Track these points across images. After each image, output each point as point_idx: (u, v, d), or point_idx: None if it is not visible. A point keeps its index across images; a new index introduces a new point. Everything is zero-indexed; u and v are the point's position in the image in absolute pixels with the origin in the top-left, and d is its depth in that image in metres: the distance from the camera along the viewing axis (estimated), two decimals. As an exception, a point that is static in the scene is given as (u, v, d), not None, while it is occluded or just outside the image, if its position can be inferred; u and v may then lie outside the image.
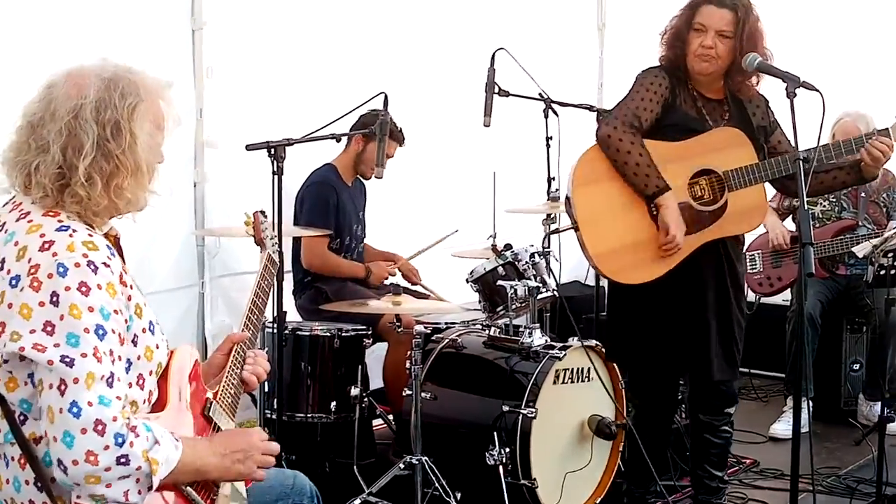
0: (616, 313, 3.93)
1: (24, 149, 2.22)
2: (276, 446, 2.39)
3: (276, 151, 3.96)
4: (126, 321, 2.19)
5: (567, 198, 3.71)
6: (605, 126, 3.65)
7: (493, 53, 4.68)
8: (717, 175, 3.68)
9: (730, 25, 3.60)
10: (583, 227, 3.61)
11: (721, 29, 3.60)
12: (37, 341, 2.05)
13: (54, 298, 2.07)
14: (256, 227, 3.11)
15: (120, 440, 2.04)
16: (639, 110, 3.64)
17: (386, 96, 4.17)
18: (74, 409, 2.02)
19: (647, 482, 4.02)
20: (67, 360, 2.04)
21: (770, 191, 5.64)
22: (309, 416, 4.43)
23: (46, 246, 2.12)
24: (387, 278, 5.15)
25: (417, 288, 5.27)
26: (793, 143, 3.24)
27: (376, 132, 4.21)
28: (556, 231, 3.87)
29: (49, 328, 2.06)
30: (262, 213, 3.63)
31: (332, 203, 4.94)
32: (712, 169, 3.68)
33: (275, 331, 4.06)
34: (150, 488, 2.09)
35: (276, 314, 4.04)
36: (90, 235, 2.18)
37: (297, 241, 4.97)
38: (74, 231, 2.16)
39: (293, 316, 4.87)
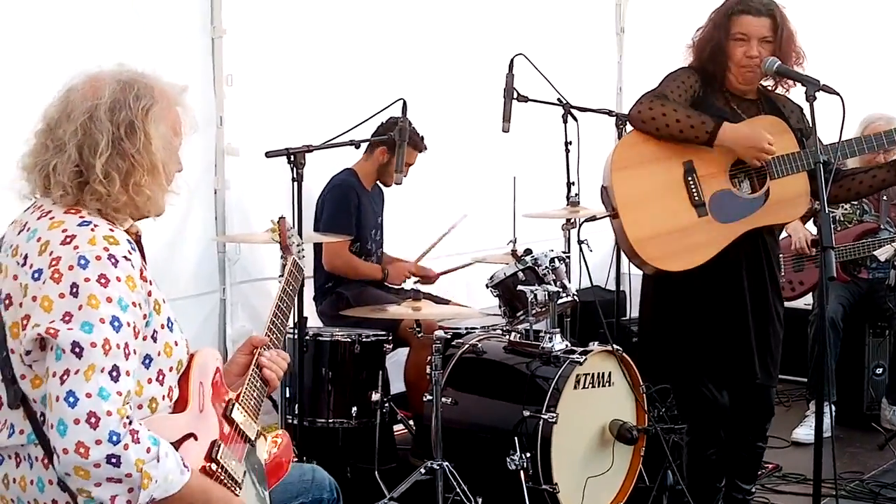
0: (654, 324, 3.82)
1: (41, 150, 2.26)
2: None
3: (296, 158, 3.98)
4: (145, 316, 2.21)
5: (604, 187, 3.62)
6: (634, 107, 3.58)
7: (512, 59, 4.69)
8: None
9: (770, 31, 3.56)
10: (622, 211, 3.52)
11: (763, 35, 3.55)
12: (52, 326, 2.07)
13: (74, 290, 2.10)
14: (282, 232, 3.13)
15: (115, 438, 2.04)
16: (665, 91, 3.58)
17: (405, 102, 4.18)
18: (71, 399, 2.03)
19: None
20: (77, 348, 2.05)
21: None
22: (330, 421, 4.44)
23: (68, 240, 2.15)
24: (404, 279, 5.16)
25: (438, 293, 5.28)
26: (817, 146, 3.23)
27: (395, 138, 4.23)
28: (594, 218, 3.77)
29: (67, 317, 2.08)
30: (283, 219, 3.66)
31: (353, 205, 4.97)
32: None
33: (296, 336, 4.08)
34: (138, 502, 2.07)
35: (296, 320, 4.06)
36: (111, 230, 2.21)
37: (317, 246, 4.99)
38: (96, 226, 2.19)
39: (314, 321, 4.89)
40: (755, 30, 3.56)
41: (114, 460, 2.04)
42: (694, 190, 3.55)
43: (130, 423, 2.09)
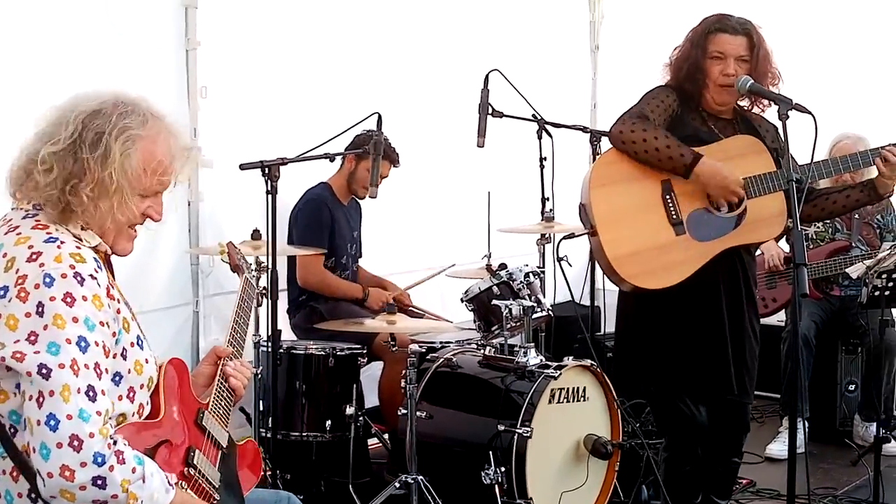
0: (630, 341, 3.83)
1: (28, 139, 2.26)
2: None
3: (270, 171, 3.98)
4: (115, 334, 2.19)
5: (582, 205, 3.63)
6: (615, 126, 3.59)
7: (487, 74, 4.69)
8: None
9: (746, 50, 3.58)
10: (601, 229, 3.53)
11: (740, 54, 3.58)
12: (17, 349, 2.05)
13: (40, 309, 2.07)
14: (231, 254, 3.16)
15: (100, 459, 2.02)
16: (645, 111, 3.59)
17: (380, 116, 4.18)
18: (52, 423, 2.01)
19: None
20: (45, 370, 2.03)
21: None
22: (304, 434, 4.41)
23: (34, 257, 2.13)
24: (383, 307, 5.14)
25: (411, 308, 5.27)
26: (789, 164, 3.24)
27: (370, 152, 4.23)
28: (572, 236, 3.77)
29: (32, 337, 2.06)
30: (257, 232, 3.66)
31: (325, 220, 4.95)
32: None
33: (269, 349, 4.05)
34: None
35: (270, 333, 4.04)
36: (78, 248, 2.18)
37: (291, 259, 4.97)
38: (63, 243, 2.17)
39: (288, 334, 4.87)
40: (732, 48, 3.58)
41: (99, 482, 2.03)
42: (672, 208, 3.57)
43: (115, 443, 2.07)
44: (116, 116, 2.22)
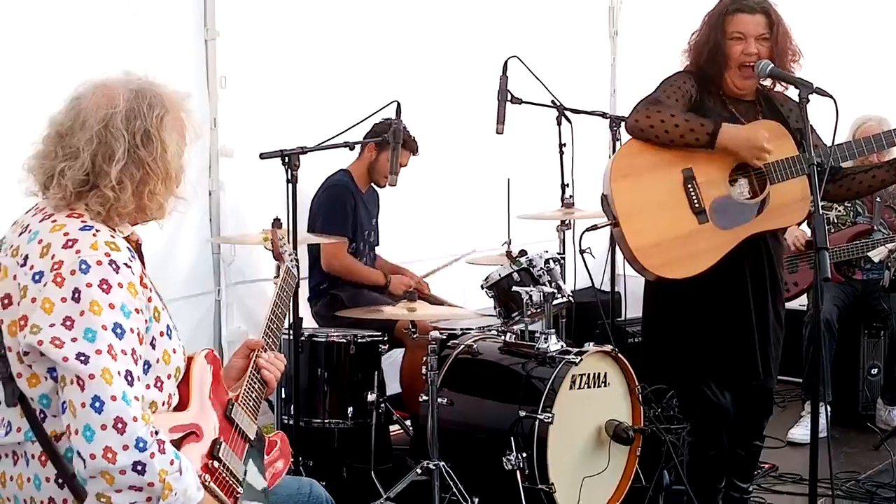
0: (658, 327, 3.81)
1: (49, 156, 2.26)
2: None
3: (290, 160, 3.98)
4: (146, 322, 2.21)
5: (604, 196, 3.61)
6: (631, 116, 3.58)
7: (506, 61, 4.69)
8: (757, 168, 3.58)
9: (765, 29, 3.56)
10: (623, 220, 3.52)
11: (760, 33, 3.55)
12: (55, 335, 2.07)
13: (76, 294, 2.10)
14: (274, 241, 3.16)
15: (141, 445, 2.05)
16: (661, 98, 3.57)
17: (399, 104, 4.18)
18: (97, 404, 2.04)
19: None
20: (82, 357, 2.06)
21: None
22: (326, 421, 4.43)
23: (70, 244, 2.16)
24: (404, 291, 5.16)
25: (433, 293, 5.28)
26: (816, 147, 3.22)
27: (389, 140, 4.23)
28: (594, 227, 3.77)
29: (68, 323, 2.08)
30: (278, 221, 3.67)
31: (349, 206, 4.98)
32: None
33: (291, 337, 4.07)
34: None
35: (292, 321, 4.06)
36: (112, 237, 2.22)
37: (313, 247, 4.99)
38: (98, 231, 2.20)
39: (309, 322, 4.89)
40: (751, 28, 3.56)
41: (139, 467, 2.05)
42: (694, 197, 3.55)
43: (157, 432, 2.10)
44: (146, 108, 2.26)
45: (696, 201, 3.54)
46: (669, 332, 3.76)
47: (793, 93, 3.59)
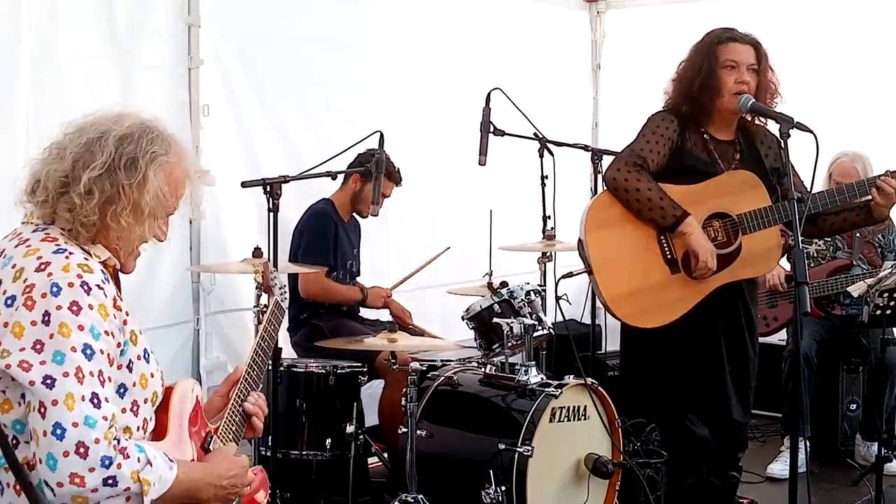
0: (634, 363, 3.85)
1: (45, 157, 2.28)
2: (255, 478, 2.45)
3: (272, 188, 3.97)
4: (120, 345, 2.20)
5: (580, 240, 3.67)
6: (611, 170, 3.63)
7: (489, 93, 4.71)
8: (730, 218, 3.64)
9: (755, 60, 3.61)
10: (597, 271, 3.58)
11: (750, 63, 3.60)
12: (24, 358, 2.07)
13: (46, 318, 2.09)
14: (265, 274, 3.15)
15: (107, 462, 2.05)
16: (644, 151, 3.61)
17: (382, 135, 4.19)
18: (58, 431, 2.03)
19: None
20: (49, 380, 2.05)
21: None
22: (304, 453, 4.41)
23: (42, 267, 2.15)
24: (384, 301, 5.15)
25: (415, 323, 5.27)
26: (794, 184, 3.26)
27: (371, 170, 4.24)
28: (570, 275, 3.82)
29: (38, 346, 2.08)
30: (259, 250, 3.65)
31: (331, 235, 4.97)
32: (726, 212, 3.65)
33: (270, 367, 4.04)
34: None
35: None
36: (86, 259, 2.21)
37: (293, 277, 4.97)
38: (71, 254, 2.19)
39: (289, 352, 4.86)
40: (743, 56, 3.61)
41: (110, 481, 2.05)
42: (667, 247, 3.61)
43: (118, 441, 2.09)
44: (146, 142, 2.27)
45: (668, 252, 3.60)
46: (645, 367, 3.79)
47: (772, 126, 3.64)
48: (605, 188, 3.68)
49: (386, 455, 4.77)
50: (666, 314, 3.58)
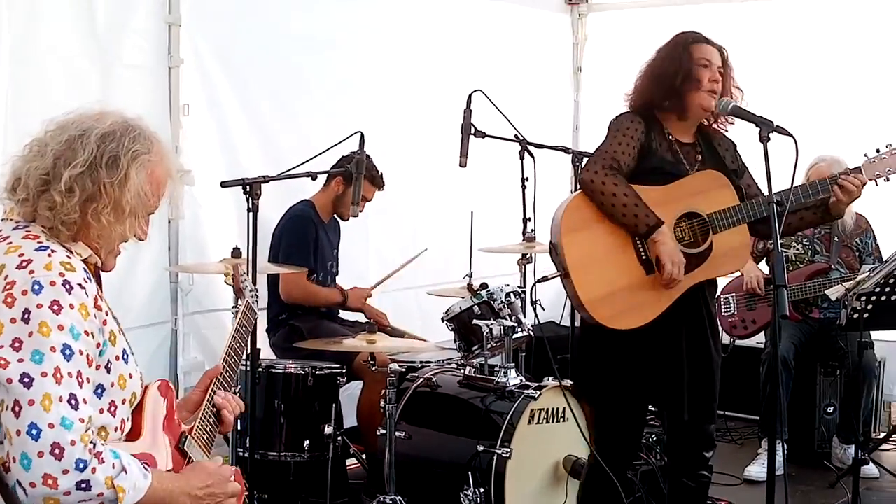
0: (588, 353, 3.88)
1: (26, 154, 2.26)
2: (239, 489, 2.41)
3: (252, 188, 3.96)
4: (99, 345, 2.18)
5: (553, 245, 3.67)
6: (587, 172, 3.65)
7: (470, 95, 4.70)
8: (700, 218, 3.68)
9: (721, 63, 3.70)
10: (573, 273, 3.58)
11: (719, 65, 3.69)
12: (1, 356, 2.05)
13: (26, 315, 2.08)
14: (235, 276, 3.15)
15: (81, 465, 2.03)
16: (617, 154, 3.65)
17: (362, 135, 4.18)
18: (34, 432, 2.01)
19: None
20: (27, 379, 2.03)
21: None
22: (282, 454, 4.39)
23: (24, 264, 2.13)
24: (364, 301, 5.15)
25: (393, 325, 5.26)
26: (765, 187, 3.28)
27: (352, 170, 4.23)
28: (545, 279, 3.82)
29: (17, 344, 2.06)
30: (238, 250, 3.64)
31: (311, 237, 4.95)
32: (696, 212, 3.68)
33: (248, 368, 4.03)
34: None
35: (249, 352, 4.02)
36: (68, 257, 2.19)
37: (272, 278, 4.95)
38: (53, 251, 2.18)
39: (267, 353, 4.85)
40: (714, 57, 3.70)
41: (84, 485, 2.04)
42: (641, 249, 3.63)
43: (94, 445, 2.07)
44: (128, 140, 2.25)
45: (643, 253, 3.62)
46: (599, 362, 3.80)
47: (734, 131, 3.69)
48: (581, 189, 3.69)
49: (364, 456, 4.76)
50: (644, 314, 3.60)
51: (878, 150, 3.67)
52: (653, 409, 4.02)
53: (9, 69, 4.08)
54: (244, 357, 3.82)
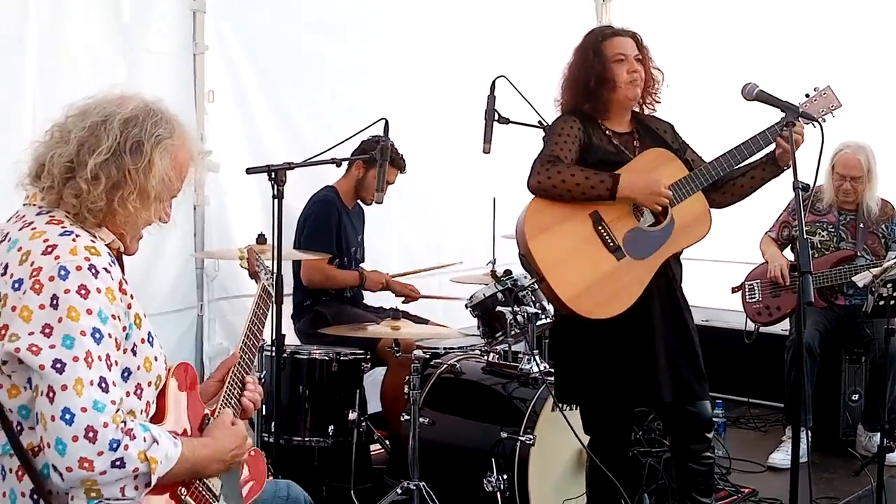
0: (563, 351, 3.83)
1: (48, 140, 2.27)
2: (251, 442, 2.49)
3: (277, 175, 3.96)
4: (125, 328, 2.20)
5: (522, 255, 3.70)
6: (531, 179, 3.68)
7: (493, 81, 4.69)
8: None
9: (636, 50, 3.75)
10: (548, 274, 3.58)
11: (635, 54, 3.73)
12: (33, 342, 2.07)
13: (54, 301, 2.09)
14: (251, 260, 3.15)
15: (115, 445, 2.06)
16: (555, 152, 3.68)
17: (387, 122, 4.18)
18: (67, 416, 2.04)
19: None
20: (59, 364, 2.05)
21: (767, 219, 5.72)
22: (306, 439, 4.42)
23: (49, 250, 2.15)
24: (381, 287, 5.16)
25: (417, 312, 5.28)
26: (792, 174, 3.26)
27: (376, 158, 4.23)
28: (522, 288, 3.83)
29: (47, 330, 2.08)
30: (263, 237, 3.65)
31: (334, 222, 4.98)
32: None
33: (273, 354, 4.06)
34: (147, 485, 2.11)
35: (274, 337, 4.04)
36: (93, 241, 2.21)
37: (296, 264, 4.98)
38: (77, 236, 2.19)
39: (292, 339, 4.87)
40: (629, 48, 3.74)
41: (118, 462, 2.07)
42: (607, 236, 3.64)
43: (125, 424, 2.10)
44: (151, 125, 2.26)
45: (609, 240, 3.63)
46: (577, 367, 3.76)
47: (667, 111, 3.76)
48: (534, 194, 3.69)
49: (388, 442, 4.78)
50: (622, 300, 3.58)
51: (807, 95, 3.67)
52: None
53: (36, 57, 4.11)
54: (263, 341, 3.87)
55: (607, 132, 3.77)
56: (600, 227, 3.63)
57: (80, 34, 4.30)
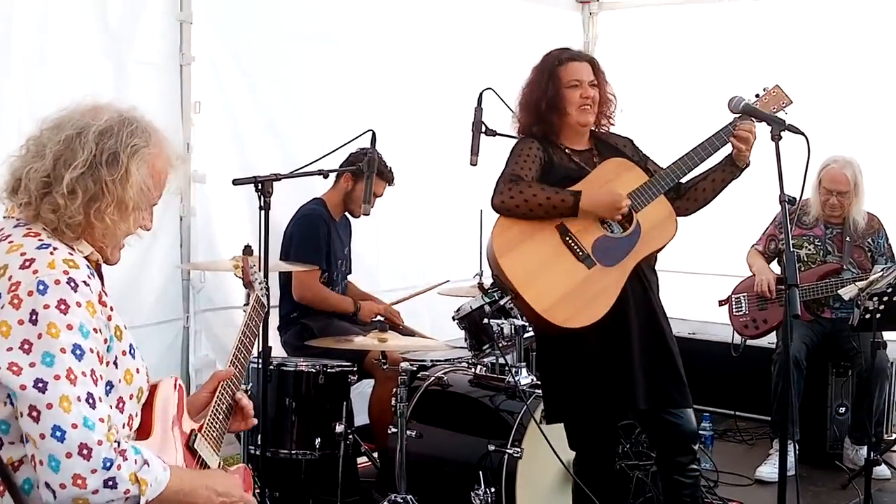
0: (545, 370, 3.84)
1: (24, 154, 2.24)
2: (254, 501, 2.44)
3: (264, 186, 3.96)
4: (106, 341, 2.18)
5: (495, 276, 3.71)
6: (494, 199, 3.70)
7: (481, 93, 4.68)
8: None
9: (592, 75, 3.79)
10: (522, 290, 3.60)
11: (590, 79, 3.77)
12: (12, 360, 2.04)
13: (33, 317, 2.06)
14: (245, 269, 3.14)
15: (108, 464, 2.04)
16: (516, 171, 3.71)
17: (374, 134, 4.18)
18: (58, 434, 2.01)
19: None
20: (40, 384, 2.02)
21: (753, 233, 5.73)
22: (293, 452, 4.40)
23: (27, 264, 2.12)
24: (375, 316, 5.15)
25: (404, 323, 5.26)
26: (779, 187, 3.27)
27: (364, 169, 4.23)
28: (502, 307, 3.84)
29: (26, 346, 2.05)
30: (249, 248, 3.63)
31: (323, 235, 4.96)
32: None
33: (260, 366, 4.04)
34: None
35: (261, 349, 4.02)
36: (70, 254, 2.18)
37: (284, 275, 4.96)
38: (55, 249, 2.16)
39: (278, 351, 4.85)
40: (584, 74, 3.78)
41: (110, 482, 2.04)
42: (575, 247, 3.67)
43: (119, 444, 2.08)
44: (126, 135, 2.23)
45: (578, 250, 3.67)
46: (559, 384, 3.76)
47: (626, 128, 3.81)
48: (498, 214, 3.71)
49: (375, 455, 4.76)
50: (597, 308, 3.60)
51: (757, 95, 3.71)
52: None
53: (22, 67, 4.09)
54: (254, 352, 3.84)
55: (566, 150, 3.81)
56: (568, 239, 3.67)
57: (66, 44, 4.29)
